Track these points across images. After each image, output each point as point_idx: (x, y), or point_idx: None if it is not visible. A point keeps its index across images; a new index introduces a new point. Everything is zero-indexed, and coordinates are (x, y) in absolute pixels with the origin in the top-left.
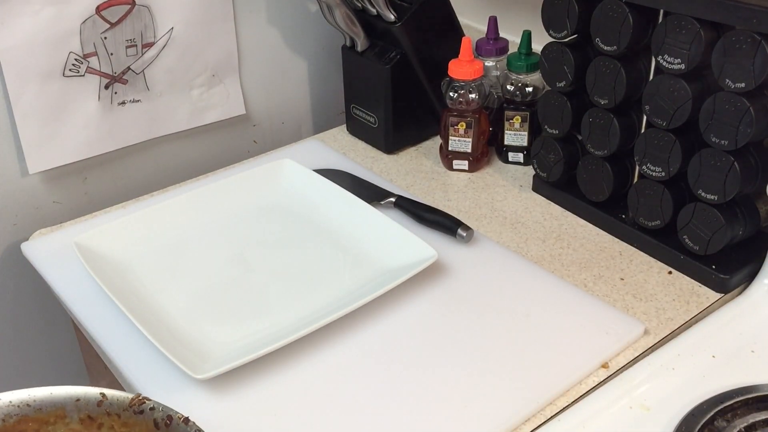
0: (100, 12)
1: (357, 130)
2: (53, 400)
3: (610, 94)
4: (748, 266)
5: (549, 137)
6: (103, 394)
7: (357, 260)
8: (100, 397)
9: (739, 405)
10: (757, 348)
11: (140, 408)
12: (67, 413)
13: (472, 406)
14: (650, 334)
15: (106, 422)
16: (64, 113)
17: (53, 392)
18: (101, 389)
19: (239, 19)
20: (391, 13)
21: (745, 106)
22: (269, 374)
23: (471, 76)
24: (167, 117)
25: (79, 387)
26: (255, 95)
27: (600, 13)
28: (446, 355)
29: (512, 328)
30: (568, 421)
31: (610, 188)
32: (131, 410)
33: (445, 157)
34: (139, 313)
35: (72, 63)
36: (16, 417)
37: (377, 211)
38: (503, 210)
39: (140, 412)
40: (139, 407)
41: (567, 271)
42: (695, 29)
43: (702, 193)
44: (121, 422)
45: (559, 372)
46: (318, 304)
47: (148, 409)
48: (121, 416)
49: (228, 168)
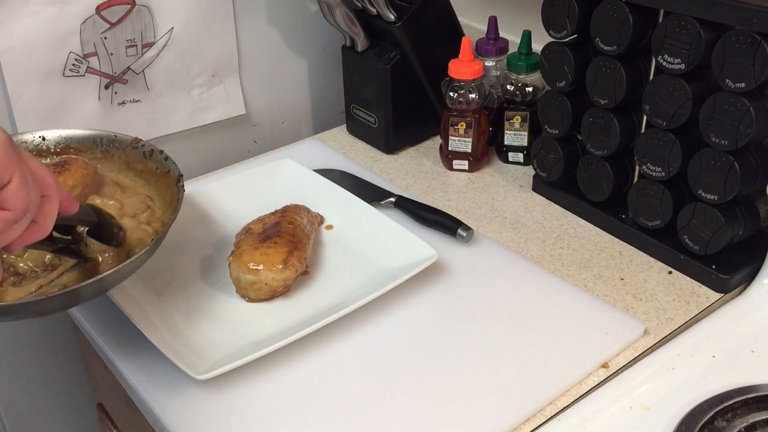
0: (100, 12)
1: (357, 130)
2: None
3: (610, 94)
4: (748, 266)
5: (549, 137)
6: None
7: (357, 260)
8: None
9: (739, 405)
10: (757, 348)
11: (135, 145)
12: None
13: (472, 406)
14: (650, 334)
15: (116, 153)
16: (64, 113)
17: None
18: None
19: (239, 19)
20: (391, 13)
21: (745, 106)
22: (269, 374)
23: (471, 76)
24: (167, 117)
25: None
26: (255, 95)
27: (600, 13)
28: (446, 355)
29: (512, 328)
30: (568, 421)
31: (610, 188)
32: (130, 147)
33: (445, 157)
34: (139, 313)
35: (72, 63)
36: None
37: (377, 211)
38: (503, 210)
39: (135, 148)
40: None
41: (567, 271)
42: (695, 29)
43: (702, 193)
44: (125, 154)
45: (559, 372)
46: (318, 304)
47: (140, 146)
48: (125, 150)
49: (228, 168)
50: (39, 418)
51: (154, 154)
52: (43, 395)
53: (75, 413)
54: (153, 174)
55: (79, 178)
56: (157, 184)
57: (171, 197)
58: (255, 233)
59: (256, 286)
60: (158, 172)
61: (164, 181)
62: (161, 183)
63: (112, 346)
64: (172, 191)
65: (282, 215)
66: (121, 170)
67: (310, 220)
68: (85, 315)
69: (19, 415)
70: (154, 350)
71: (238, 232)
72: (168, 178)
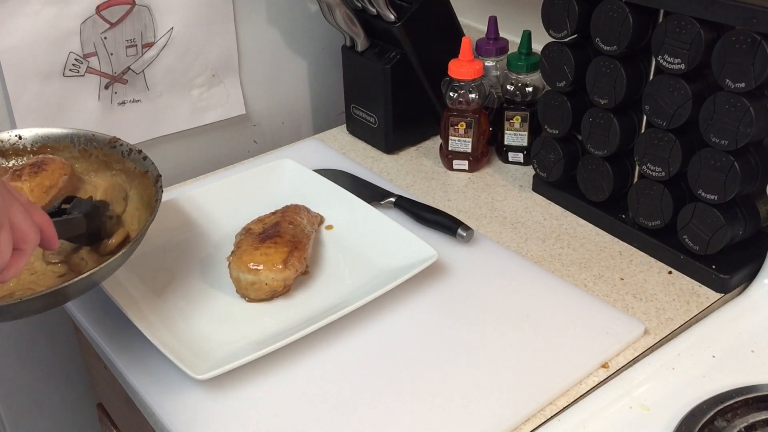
0: (100, 12)
1: (357, 130)
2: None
3: (610, 94)
4: (748, 266)
5: (549, 137)
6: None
7: (357, 260)
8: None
9: (739, 405)
10: (757, 348)
11: (114, 144)
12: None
13: (472, 406)
14: (650, 334)
15: (94, 152)
16: (64, 113)
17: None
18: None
19: (239, 19)
20: (391, 13)
21: (745, 106)
22: (269, 374)
23: (471, 76)
24: (167, 117)
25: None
26: (255, 95)
27: (600, 13)
28: (446, 354)
29: (512, 328)
30: (568, 421)
31: (610, 188)
32: (108, 146)
33: (445, 157)
34: (139, 313)
35: (72, 63)
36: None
37: (377, 211)
38: (503, 210)
39: (113, 147)
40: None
41: (567, 271)
42: (695, 29)
43: (702, 193)
44: (103, 153)
45: (559, 372)
46: (318, 304)
47: (118, 145)
48: (103, 149)
49: (228, 168)
50: (39, 418)
51: (132, 153)
52: (43, 395)
53: (75, 413)
54: (131, 174)
55: (55, 178)
56: (136, 184)
57: (149, 198)
58: (255, 233)
59: (256, 286)
60: (136, 172)
61: (143, 182)
62: (140, 183)
63: (112, 347)
64: (150, 192)
65: (282, 215)
66: (99, 170)
67: (310, 220)
68: (85, 315)
69: (19, 415)
70: (154, 350)
71: (238, 232)
72: (146, 178)
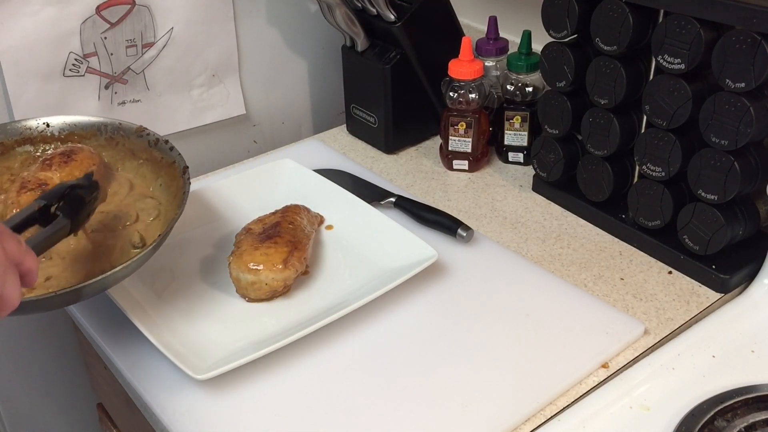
0: (100, 12)
1: (357, 130)
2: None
3: (610, 94)
4: (748, 266)
5: (549, 137)
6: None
7: (357, 260)
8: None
9: (739, 405)
10: (757, 348)
11: (140, 133)
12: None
13: (472, 406)
14: (650, 334)
15: (120, 141)
16: (64, 113)
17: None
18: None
19: (239, 19)
20: (391, 13)
21: (745, 106)
22: (269, 374)
23: (471, 76)
24: (167, 117)
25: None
26: (255, 95)
27: (600, 13)
28: (446, 355)
29: (512, 328)
30: (568, 421)
31: (610, 188)
32: (135, 135)
33: (445, 157)
34: (139, 313)
35: (72, 63)
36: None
37: (377, 211)
38: (503, 210)
39: (140, 136)
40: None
41: (567, 271)
42: (695, 29)
43: (702, 193)
44: (129, 142)
45: (559, 372)
46: (318, 304)
47: (145, 134)
48: (130, 138)
49: (228, 168)
50: (39, 418)
51: (159, 143)
52: (43, 395)
53: (75, 413)
54: (157, 163)
55: (85, 168)
56: (164, 174)
57: (177, 189)
58: (255, 233)
59: (256, 286)
60: (163, 162)
61: (169, 172)
62: (167, 174)
63: (112, 347)
64: (178, 183)
65: (282, 215)
66: (126, 159)
67: (310, 220)
68: (85, 315)
69: (19, 415)
70: (154, 350)
71: (238, 232)
72: (173, 168)
